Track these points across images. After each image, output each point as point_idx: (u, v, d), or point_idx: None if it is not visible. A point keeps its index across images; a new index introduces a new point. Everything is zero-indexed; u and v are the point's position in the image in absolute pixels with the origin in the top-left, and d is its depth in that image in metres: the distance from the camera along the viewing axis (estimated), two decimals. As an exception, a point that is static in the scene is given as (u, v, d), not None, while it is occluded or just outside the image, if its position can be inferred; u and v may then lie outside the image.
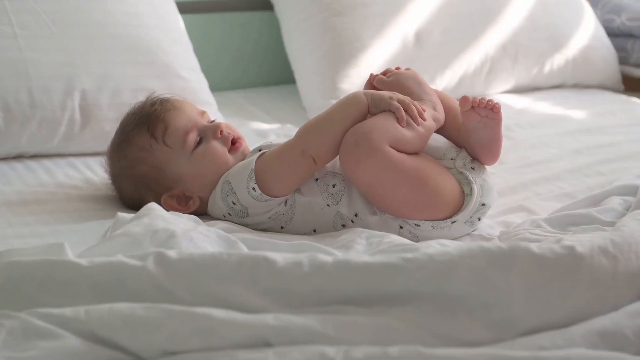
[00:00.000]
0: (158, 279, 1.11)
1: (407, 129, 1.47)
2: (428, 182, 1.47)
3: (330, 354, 1.01)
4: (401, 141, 1.46)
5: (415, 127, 1.47)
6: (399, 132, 1.46)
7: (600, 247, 1.13)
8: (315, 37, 2.29)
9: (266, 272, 1.11)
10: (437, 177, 1.48)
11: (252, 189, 1.46)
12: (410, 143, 1.47)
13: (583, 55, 2.55)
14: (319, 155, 1.48)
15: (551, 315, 1.08)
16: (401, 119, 1.47)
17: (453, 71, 2.33)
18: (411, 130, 1.47)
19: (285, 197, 1.49)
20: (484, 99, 1.50)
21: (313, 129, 1.50)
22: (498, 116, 1.52)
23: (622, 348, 1.05)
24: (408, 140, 1.47)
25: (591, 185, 1.78)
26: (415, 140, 1.48)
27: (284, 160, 1.48)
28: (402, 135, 1.46)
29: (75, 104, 1.85)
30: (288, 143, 1.51)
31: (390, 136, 1.45)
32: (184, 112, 1.59)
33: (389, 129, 1.46)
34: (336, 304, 1.10)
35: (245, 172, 1.48)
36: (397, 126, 1.46)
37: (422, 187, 1.46)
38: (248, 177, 1.47)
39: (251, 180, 1.46)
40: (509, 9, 2.46)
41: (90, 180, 1.74)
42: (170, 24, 2.09)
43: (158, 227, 1.28)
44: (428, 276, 1.09)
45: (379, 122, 1.47)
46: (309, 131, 1.50)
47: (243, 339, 1.04)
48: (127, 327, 1.05)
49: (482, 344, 1.05)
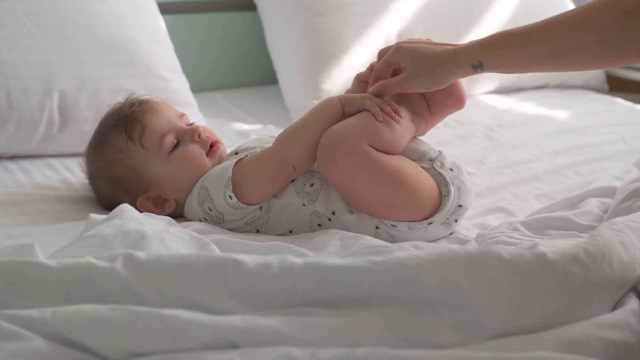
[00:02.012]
0: (126, 280, 1.11)
1: (385, 127, 1.46)
2: (405, 183, 1.46)
3: (297, 355, 1.00)
4: (379, 139, 1.45)
5: (393, 125, 1.47)
6: (376, 130, 1.45)
7: (572, 255, 1.12)
8: (298, 37, 2.29)
9: (235, 273, 1.11)
10: (415, 177, 1.48)
11: (229, 197, 1.46)
12: (388, 141, 1.47)
13: (567, 56, 2.55)
14: (299, 162, 1.47)
15: (519, 321, 1.07)
16: (377, 113, 1.46)
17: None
18: (389, 128, 1.46)
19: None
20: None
21: (290, 136, 1.49)
22: (462, 106, 1.56)
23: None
24: (386, 138, 1.46)
25: (570, 186, 1.78)
26: (393, 139, 1.47)
27: (262, 169, 1.47)
28: (379, 133, 1.45)
29: (53, 105, 1.85)
30: (266, 151, 1.49)
31: (367, 134, 1.44)
32: (162, 115, 1.59)
33: (366, 127, 1.45)
34: (304, 306, 1.09)
35: (222, 179, 1.47)
36: (374, 124, 1.45)
37: (399, 187, 1.46)
38: (225, 185, 1.46)
39: (228, 188, 1.46)
40: (492, 10, 2.46)
41: (68, 181, 1.74)
42: (151, 24, 2.09)
43: (129, 229, 1.28)
44: (397, 280, 1.08)
45: (355, 121, 1.46)
46: (287, 139, 1.49)
47: (210, 341, 1.04)
48: (94, 329, 1.04)
49: (449, 347, 1.05)
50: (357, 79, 1.59)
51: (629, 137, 2.10)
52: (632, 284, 1.17)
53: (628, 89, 2.89)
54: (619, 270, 1.14)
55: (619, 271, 1.14)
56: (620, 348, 1.08)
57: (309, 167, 1.50)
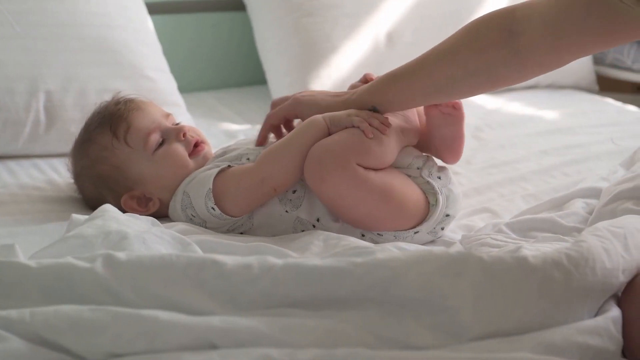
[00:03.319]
0: (106, 281, 1.11)
1: (374, 143, 1.43)
2: (393, 197, 1.44)
3: (275, 356, 1.00)
4: (367, 156, 1.42)
5: (383, 140, 1.44)
6: (365, 148, 1.42)
7: (554, 260, 1.11)
8: (286, 37, 2.29)
9: (214, 274, 1.10)
10: (402, 190, 1.46)
11: (212, 208, 1.45)
12: (377, 158, 1.44)
13: (557, 56, 2.55)
14: (280, 183, 1.45)
15: (498, 323, 1.06)
16: (366, 130, 1.42)
17: (425, 72, 2.32)
18: (378, 144, 1.43)
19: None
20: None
21: (273, 157, 1.46)
22: (459, 113, 1.52)
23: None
24: (375, 155, 1.43)
25: (556, 186, 1.77)
26: (382, 154, 1.44)
27: (243, 186, 1.45)
28: (368, 150, 1.42)
29: (39, 105, 1.84)
30: (248, 170, 1.47)
31: (356, 152, 1.41)
32: (147, 113, 1.58)
33: (354, 144, 1.42)
34: (284, 307, 1.09)
35: (203, 189, 1.46)
36: (363, 141, 1.42)
37: (387, 203, 1.44)
38: (206, 196, 1.45)
39: (210, 200, 1.45)
40: (481, 10, 2.45)
41: (54, 182, 1.73)
42: (138, 24, 2.08)
43: (111, 229, 1.27)
44: (376, 281, 1.08)
45: (344, 137, 1.43)
46: (269, 160, 1.46)
47: (188, 341, 1.04)
48: (72, 329, 1.04)
49: (427, 348, 1.05)
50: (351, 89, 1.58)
51: (617, 138, 2.09)
52: (614, 290, 1.17)
53: (618, 89, 2.90)
54: (601, 276, 1.14)
55: (602, 277, 1.14)
56: (598, 354, 1.08)
57: (290, 186, 1.48)
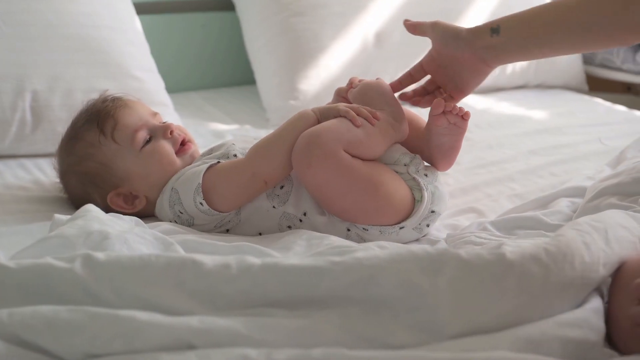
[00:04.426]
0: (85, 282, 1.10)
1: (362, 132, 1.44)
2: (379, 190, 1.45)
3: (253, 356, 1.00)
4: (355, 144, 1.44)
5: (371, 131, 1.45)
6: (353, 135, 1.44)
7: (532, 255, 1.11)
8: (275, 37, 2.28)
9: (193, 274, 1.10)
10: (389, 184, 1.46)
11: (200, 203, 1.45)
12: (365, 147, 1.45)
13: (547, 56, 2.55)
14: (270, 178, 1.46)
15: (478, 320, 1.06)
16: (354, 118, 1.45)
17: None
18: (366, 133, 1.45)
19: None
20: (456, 106, 1.50)
21: (263, 151, 1.47)
22: (465, 125, 1.52)
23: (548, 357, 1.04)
24: (363, 144, 1.45)
25: (543, 186, 1.77)
26: (370, 145, 1.46)
27: (233, 182, 1.46)
28: (356, 137, 1.44)
29: (26, 105, 1.84)
30: (238, 164, 1.48)
31: (344, 139, 1.43)
32: (135, 111, 1.59)
33: (342, 131, 1.43)
34: (263, 307, 1.09)
35: (192, 184, 1.46)
36: (351, 129, 1.44)
37: (372, 193, 1.44)
38: (195, 191, 1.45)
39: (198, 195, 1.45)
40: (470, 10, 2.46)
41: (39, 182, 1.73)
42: (126, 24, 2.08)
43: (92, 229, 1.27)
44: (355, 280, 1.08)
45: (332, 124, 1.45)
46: (259, 153, 1.47)
47: (166, 342, 1.03)
48: (50, 330, 1.03)
49: (407, 347, 1.04)
50: (338, 94, 1.59)
51: (605, 137, 2.10)
52: (595, 284, 1.17)
53: (608, 88, 2.90)
54: (580, 270, 1.13)
55: (581, 271, 1.14)
56: (579, 346, 1.08)
57: (281, 179, 1.48)
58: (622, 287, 1.17)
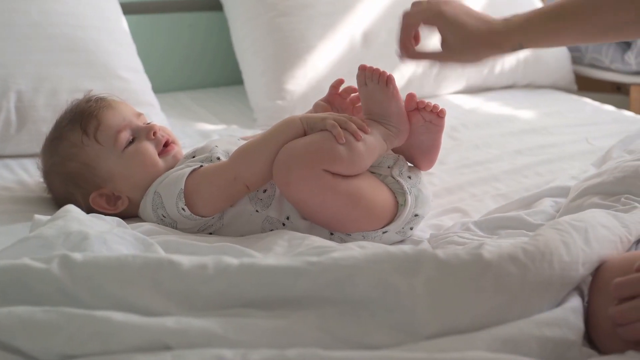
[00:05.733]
0: (62, 282, 1.10)
1: (344, 149, 1.40)
2: (359, 202, 1.43)
3: (228, 356, 1.00)
4: (335, 163, 1.40)
5: (355, 147, 1.41)
6: (334, 154, 1.40)
7: (510, 255, 1.10)
8: (262, 37, 2.28)
9: (170, 274, 1.10)
10: (370, 194, 1.45)
11: (182, 209, 1.45)
12: (346, 165, 1.41)
13: (535, 55, 2.55)
14: (252, 182, 1.45)
15: (455, 320, 1.06)
16: (338, 135, 1.40)
17: (401, 72, 2.31)
18: (349, 150, 1.41)
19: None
20: (430, 103, 1.49)
21: (246, 156, 1.45)
22: (441, 122, 1.51)
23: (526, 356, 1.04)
24: (343, 163, 1.40)
25: (528, 186, 1.77)
26: (352, 162, 1.41)
27: (215, 185, 1.45)
28: (336, 157, 1.40)
29: (10, 105, 1.84)
30: (221, 167, 1.47)
31: (325, 159, 1.39)
32: (118, 111, 1.58)
33: (325, 149, 1.40)
34: (240, 307, 1.08)
35: (175, 189, 1.45)
36: (332, 147, 1.40)
37: (353, 207, 1.43)
38: (177, 196, 1.44)
39: (180, 200, 1.44)
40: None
41: (24, 182, 1.73)
42: (112, 24, 2.08)
43: (71, 230, 1.27)
44: (331, 280, 1.08)
45: (315, 141, 1.41)
46: (242, 158, 1.46)
47: (142, 343, 1.03)
48: (25, 331, 1.03)
49: (384, 347, 1.04)
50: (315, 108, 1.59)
51: (592, 137, 2.10)
52: (574, 283, 1.17)
53: (597, 88, 2.90)
54: (559, 269, 1.13)
55: (560, 270, 1.13)
56: (558, 345, 1.07)
57: (263, 185, 1.47)
58: (602, 286, 1.17)
